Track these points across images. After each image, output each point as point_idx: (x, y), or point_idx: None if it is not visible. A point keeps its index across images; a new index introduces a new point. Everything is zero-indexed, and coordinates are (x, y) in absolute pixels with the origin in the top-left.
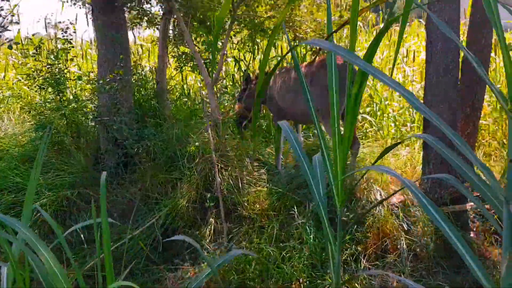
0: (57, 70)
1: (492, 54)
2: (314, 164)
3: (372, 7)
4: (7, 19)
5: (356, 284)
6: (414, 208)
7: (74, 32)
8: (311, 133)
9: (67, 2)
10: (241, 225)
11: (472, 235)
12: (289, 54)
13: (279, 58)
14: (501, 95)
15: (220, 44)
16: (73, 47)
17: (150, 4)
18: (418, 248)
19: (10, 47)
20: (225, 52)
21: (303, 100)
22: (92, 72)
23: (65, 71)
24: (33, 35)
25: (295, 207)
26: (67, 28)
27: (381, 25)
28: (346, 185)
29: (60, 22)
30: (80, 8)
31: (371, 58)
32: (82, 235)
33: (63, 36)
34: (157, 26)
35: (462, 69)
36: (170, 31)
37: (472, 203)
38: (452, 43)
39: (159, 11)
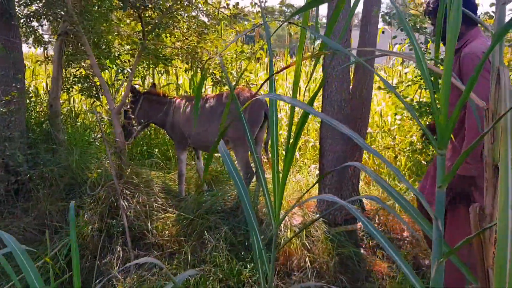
0: None
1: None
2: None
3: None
4: None
5: None
6: (312, 228)
7: None
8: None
9: None
10: (150, 252)
11: (362, 251)
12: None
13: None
14: (432, 138)
15: (129, 70)
16: None
17: (39, 23)
18: (319, 265)
19: None
20: (132, 79)
21: (215, 129)
22: None
23: None
24: None
25: (206, 232)
26: None
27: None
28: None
29: None
30: None
31: (312, 103)
32: None
33: None
34: (45, 46)
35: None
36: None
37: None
38: (345, 84)
39: (48, 30)
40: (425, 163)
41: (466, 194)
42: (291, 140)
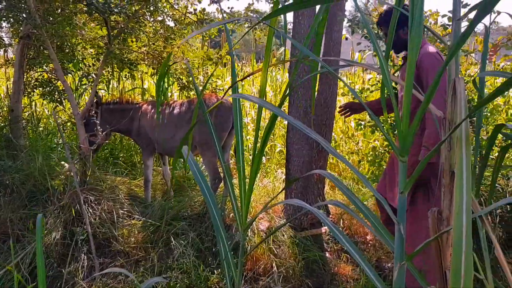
0: None
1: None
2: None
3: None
4: None
5: None
6: (279, 232)
7: None
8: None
9: None
10: (115, 260)
11: (327, 255)
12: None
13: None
14: (395, 146)
15: (93, 75)
16: None
17: None
18: (285, 269)
19: None
20: (97, 84)
21: (182, 136)
22: None
23: None
24: None
25: (173, 239)
26: None
27: None
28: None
29: None
30: None
31: (281, 106)
32: None
33: None
34: (5, 49)
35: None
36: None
37: (326, 227)
38: (310, 91)
39: (7, 32)
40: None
41: (425, 182)
42: (258, 145)
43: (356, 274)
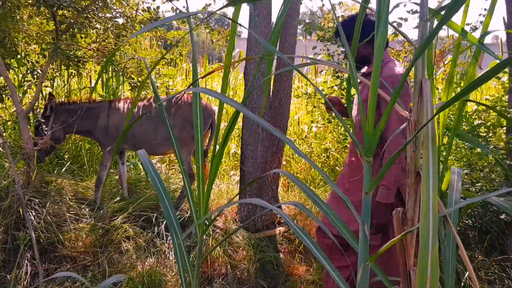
0: None
1: None
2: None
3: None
4: None
5: None
6: (233, 234)
7: None
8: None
9: None
10: (62, 265)
11: (281, 255)
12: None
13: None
14: (360, 146)
15: (40, 72)
16: None
17: None
18: (240, 271)
19: None
20: (43, 81)
21: (162, 134)
22: None
23: None
24: None
25: (124, 242)
26: None
27: None
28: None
29: None
30: None
31: (244, 103)
32: None
33: None
34: None
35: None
36: None
37: (280, 228)
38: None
39: None
40: (338, 169)
41: (384, 227)
42: (217, 148)
43: (309, 274)
